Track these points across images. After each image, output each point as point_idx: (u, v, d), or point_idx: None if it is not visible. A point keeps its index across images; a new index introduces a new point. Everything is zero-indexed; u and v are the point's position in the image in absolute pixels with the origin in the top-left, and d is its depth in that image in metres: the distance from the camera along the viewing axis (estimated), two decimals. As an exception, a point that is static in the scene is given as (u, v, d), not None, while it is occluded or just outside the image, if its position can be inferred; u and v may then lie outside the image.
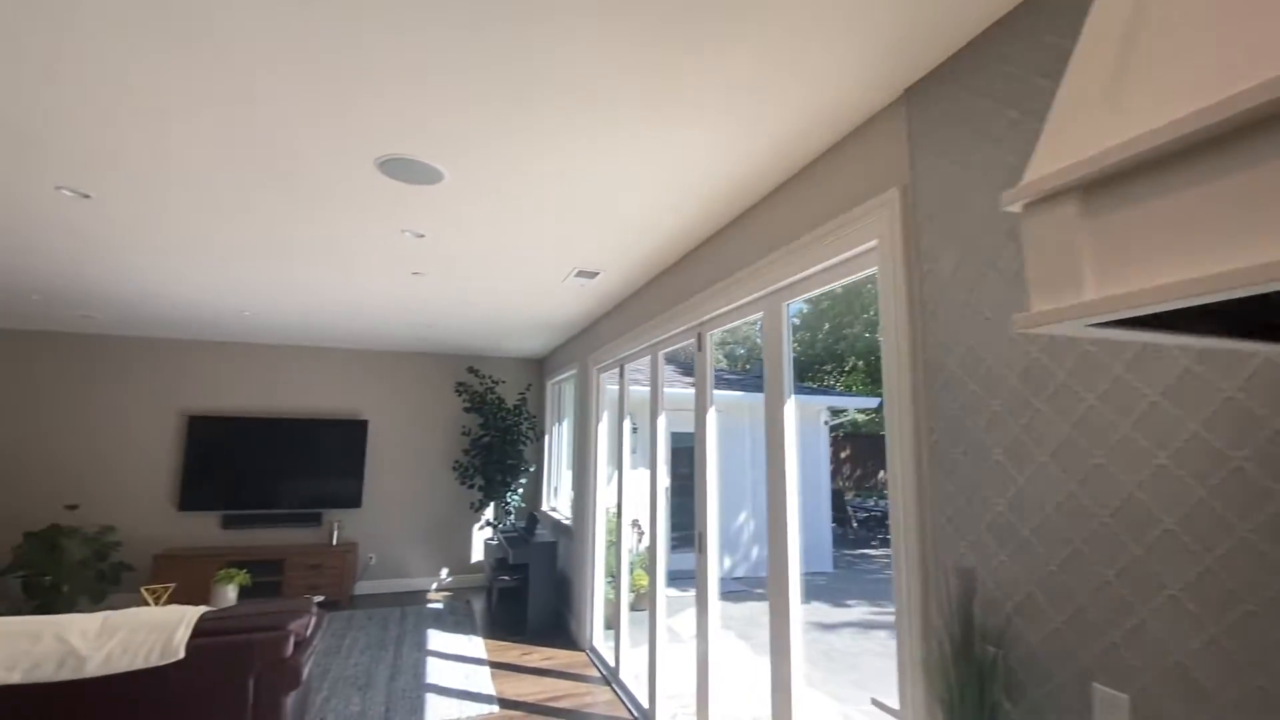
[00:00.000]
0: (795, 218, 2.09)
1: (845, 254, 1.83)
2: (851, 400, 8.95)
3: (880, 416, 4.52)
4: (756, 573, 7.34)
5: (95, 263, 3.43)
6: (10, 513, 5.30)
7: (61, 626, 2.36)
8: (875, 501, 10.11)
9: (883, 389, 1.68)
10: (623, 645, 3.86)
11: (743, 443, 7.69)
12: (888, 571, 7.86)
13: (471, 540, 6.52)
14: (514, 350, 6.45)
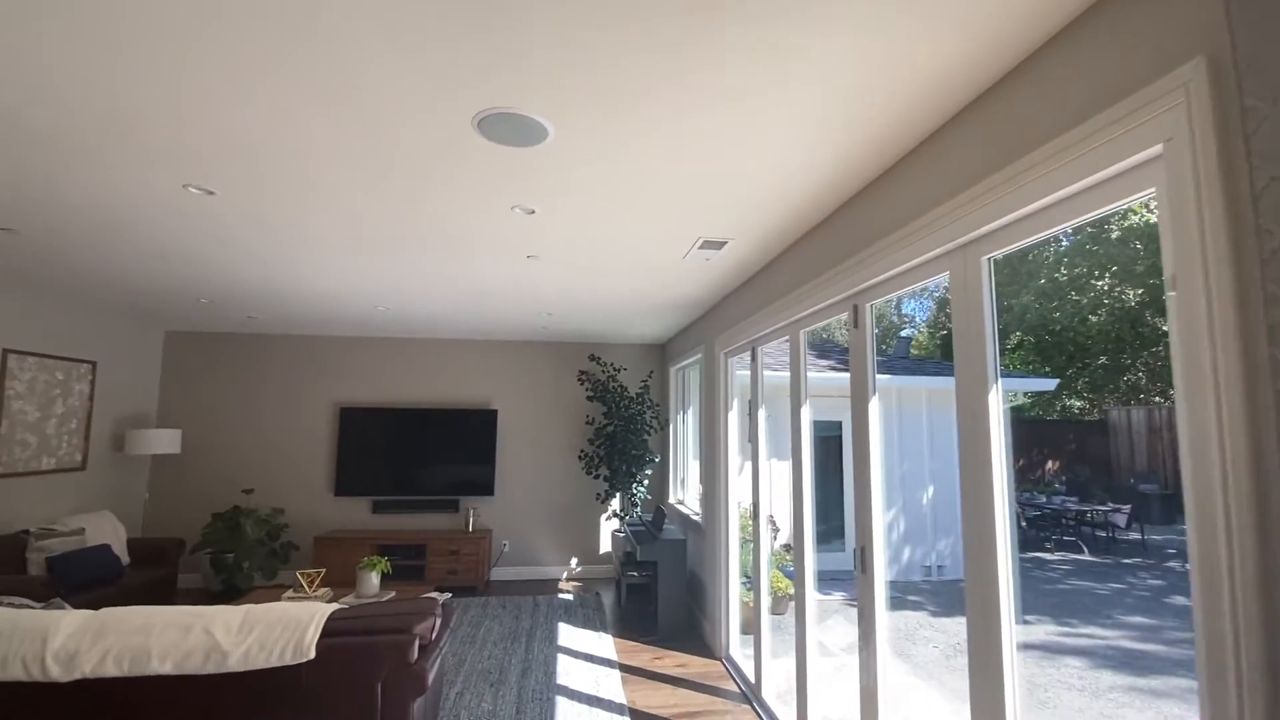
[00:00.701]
0: (1007, 136, 1.53)
1: (1096, 175, 1.27)
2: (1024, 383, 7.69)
3: (1034, 400, 3.40)
4: (907, 576, 6.57)
5: (245, 267, 3.59)
6: (201, 496, 5.95)
7: (208, 619, 2.40)
8: (1048, 498, 8.76)
9: (1174, 372, 1.13)
10: (764, 658, 3.45)
11: (891, 429, 6.90)
12: (1070, 581, 6.72)
13: (599, 531, 6.41)
14: (635, 336, 6.20)
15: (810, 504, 2.93)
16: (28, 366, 4.54)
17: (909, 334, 14.38)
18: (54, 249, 3.31)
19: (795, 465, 2.98)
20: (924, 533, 6.68)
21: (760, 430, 3.56)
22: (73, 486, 5.00)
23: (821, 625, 5.08)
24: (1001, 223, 1.55)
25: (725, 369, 4.28)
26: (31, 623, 2.33)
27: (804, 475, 2.92)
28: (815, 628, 2.87)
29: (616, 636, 4.57)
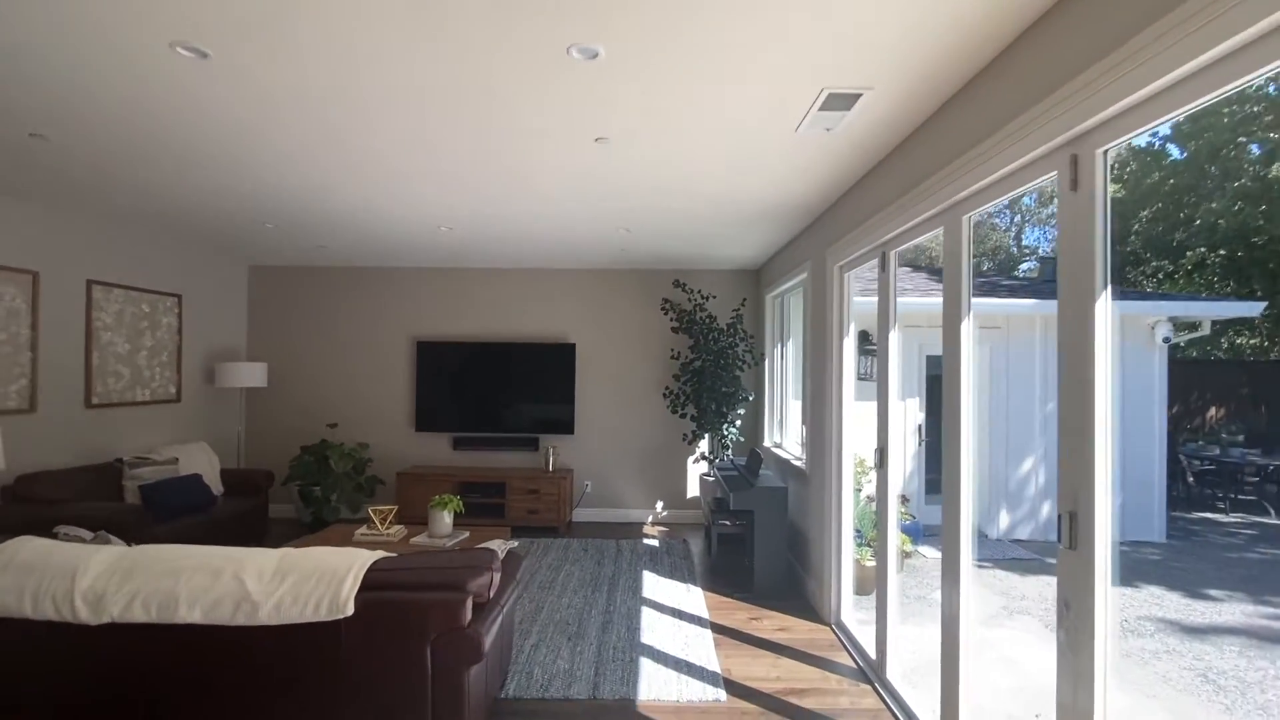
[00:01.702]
0: None
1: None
2: (1215, 307, 6.21)
3: (1214, 337, 2.19)
4: (1047, 535, 5.65)
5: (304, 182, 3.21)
6: (291, 429, 5.99)
7: (240, 564, 2.09)
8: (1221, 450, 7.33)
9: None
10: (890, 630, 2.83)
11: (1032, 366, 5.84)
12: (1259, 549, 5.55)
13: (686, 474, 5.93)
14: (725, 260, 5.47)
15: (971, 444, 2.21)
16: (114, 298, 4.53)
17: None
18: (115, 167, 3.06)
19: (950, 400, 2.26)
20: (1068, 487, 5.68)
21: (891, 359, 2.83)
22: (170, 418, 5.08)
23: (946, 589, 4.37)
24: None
25: (840, 287, 3.52)
26: (64, 558, 2.11)
27: (963, 411, 2.20)
28: (970, 598, 2.21)
29: (707, 590, 4.11)
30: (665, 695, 2.76)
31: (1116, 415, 1.59)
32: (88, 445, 4.29)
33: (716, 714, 2.62)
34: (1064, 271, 1.68)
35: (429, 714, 2.07)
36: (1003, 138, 1.88)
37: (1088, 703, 1.55)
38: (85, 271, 4.30)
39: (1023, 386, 5.81)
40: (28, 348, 3.88)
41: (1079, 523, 1.58)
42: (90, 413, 4.33)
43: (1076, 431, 1.60)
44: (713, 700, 2.72)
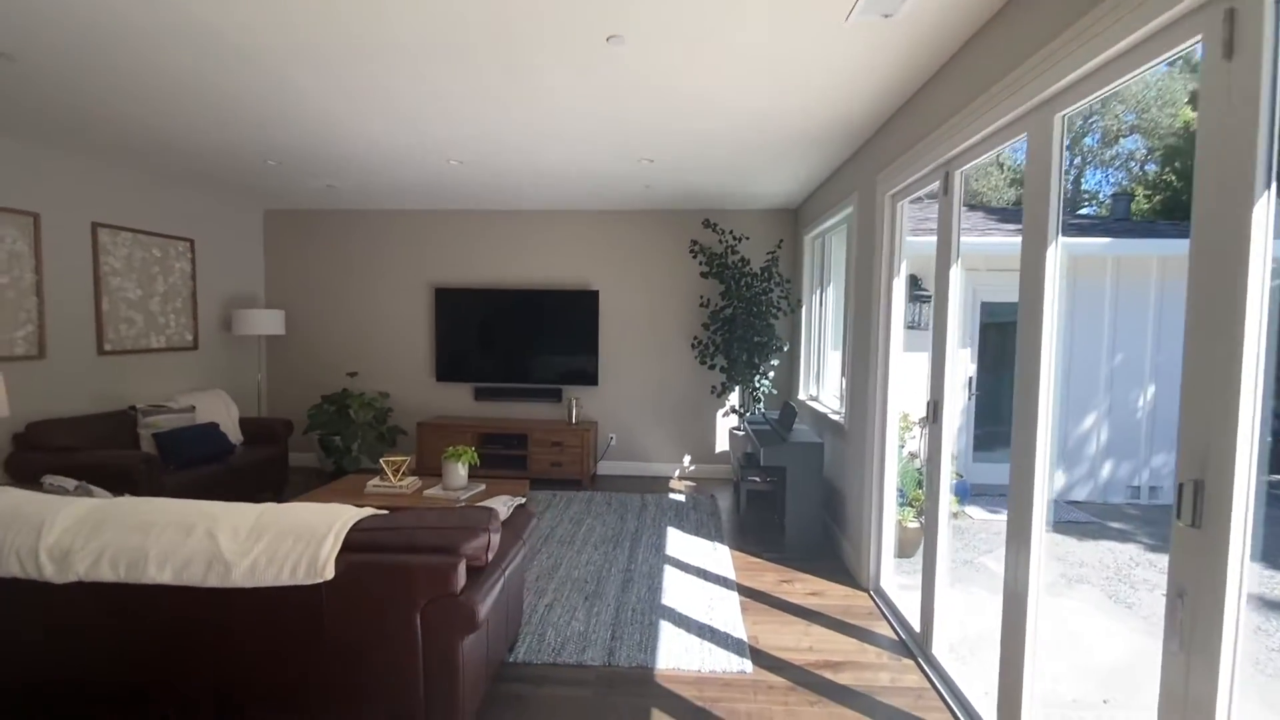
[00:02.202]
0: None
1: None
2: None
3: None
4: (1107, 497, 5.22)
5: (289, 108, 2.92)
6: (308, 379, 5.90)
7: (215, 520, 1.90)
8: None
9: None
10: (938, 599, 2.54)
11: (1100, 313, 5.30)
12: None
13: (715, 427, 5.65)
14: (759, 197, 5.02)
15: (1052, 393, 1.85)
16: (121, 242, 4.38)
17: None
18: (98, 95, 2.81)
19: (1027, 341, 1.88)
20: (1134, 444, 5.21)
21: (952, 298, 2.43)
22: (187, 366, 5.00)
23: (993, 555, 4.05)
24: None
25: (891, 219, 3.09)
26: (31, 511, 1.95)
27: (1044, 354, 1.82)
28: (1040, 569, 1.89)
29: (734, 549, 3.87)
30: (686, 664, 2.55)
31: (1273, 356, 1.21)
32: (101, 393, 4.22)
33: (741, 687, 2.40)
34: (1205, 172, 1.27)
35: (420, 687, 1.88)
36: (1119, 2, 1.44)
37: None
38: (89, 214, 4.14)
39: (1087, 336, 5.28)
40: (32, 292, 3.76)
41: (1206, 495, 1.23)
42: (103, 360, 4.25)
43: (1210, 381, 1.23)
44: (737, 671, 2.50)
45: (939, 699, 2.33)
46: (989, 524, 4.63)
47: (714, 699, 2.32)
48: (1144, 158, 13.14)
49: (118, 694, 1.98)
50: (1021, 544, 1.89)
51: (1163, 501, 5.18)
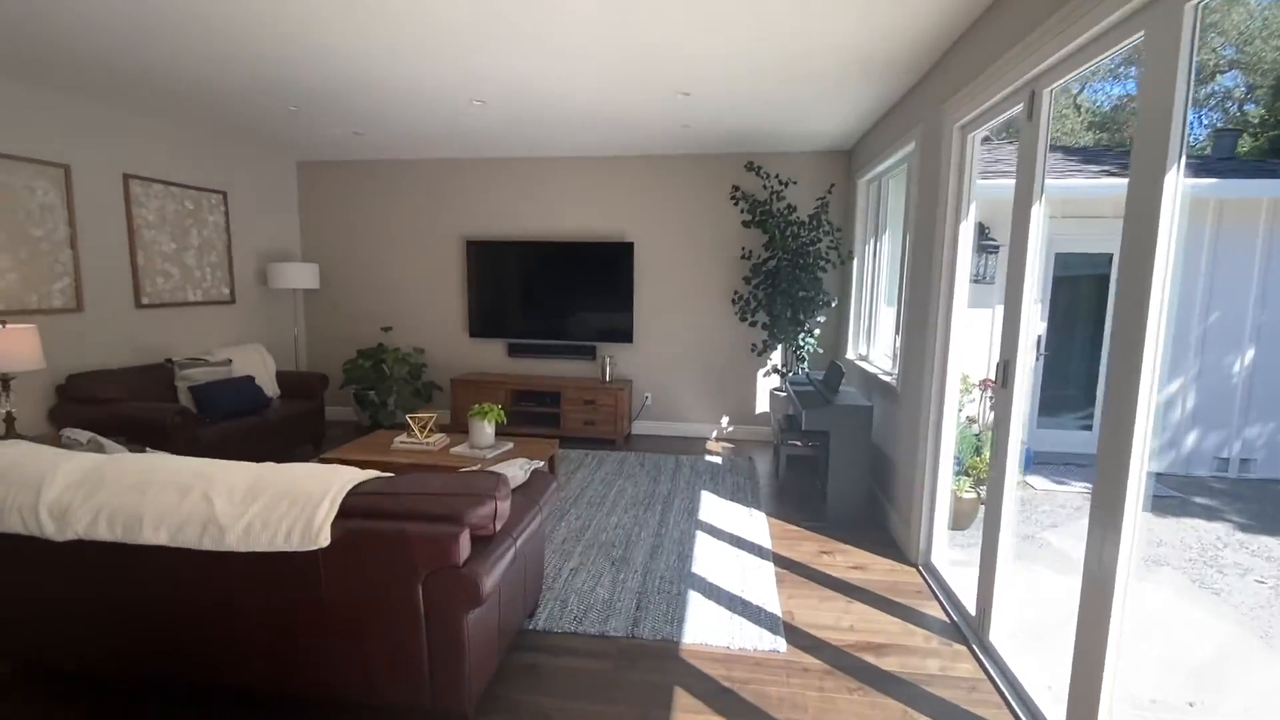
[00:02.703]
0: None
1: None
2: None
3: None
4: (1190, 470, 4.75)
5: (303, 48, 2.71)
6: (345, 333, 5.89)
7: (211, 481, 1.80)
8: None
9: None
10: (998, 578, 2.28)
11: (1195, 267, 4.71)
12: None
13: (755, 387, 5.39)
14: (808, 137, 4.59)
15: (1160, 346, 1.53)
16: (154, 194, 4.35)
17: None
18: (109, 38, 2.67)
19: (1132, 284, 1.55)
20: (1225, 412, 4.69)
21: (1031, 244, 2.08)
22: (225, 319, 5.03)
23: (1058, 531, 3.72)
24: None
25: (959, 154, 2.70)
26: (34, 467, 1.89)
27: (1153, 299, 1.50)
28: (1133, 552, 1.60)
29: (772, 516, 3.67)
30: (714, 639, 2.38)
31: None
32: (141, 345, 4.27)
33: (772, 668, 2.22)
34: None
35: (425, 662, 1.77)
36: None
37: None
38: (121, 165, 4.10)
39: (1179, 291, 4.72)
40: (67, 245, 3.77)
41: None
42: (141, 313, 4.28)
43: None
44: (769, 650, 2.32)
45: (995, 692, 2.10)
46: (1052, 495, 4.26)
47: (743, 680, 2.15)
48: (1243, 97, 11.72)
49: (122, 654, 1.95)
50: (1110, 523, 1.60)
51: (1256, 475, 4.68)
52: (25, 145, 3.52)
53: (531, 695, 2.07)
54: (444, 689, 1.79)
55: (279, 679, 1.87)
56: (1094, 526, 1.67)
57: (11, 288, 3.45)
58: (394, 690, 1.81)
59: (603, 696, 2.07)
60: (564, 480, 4.20)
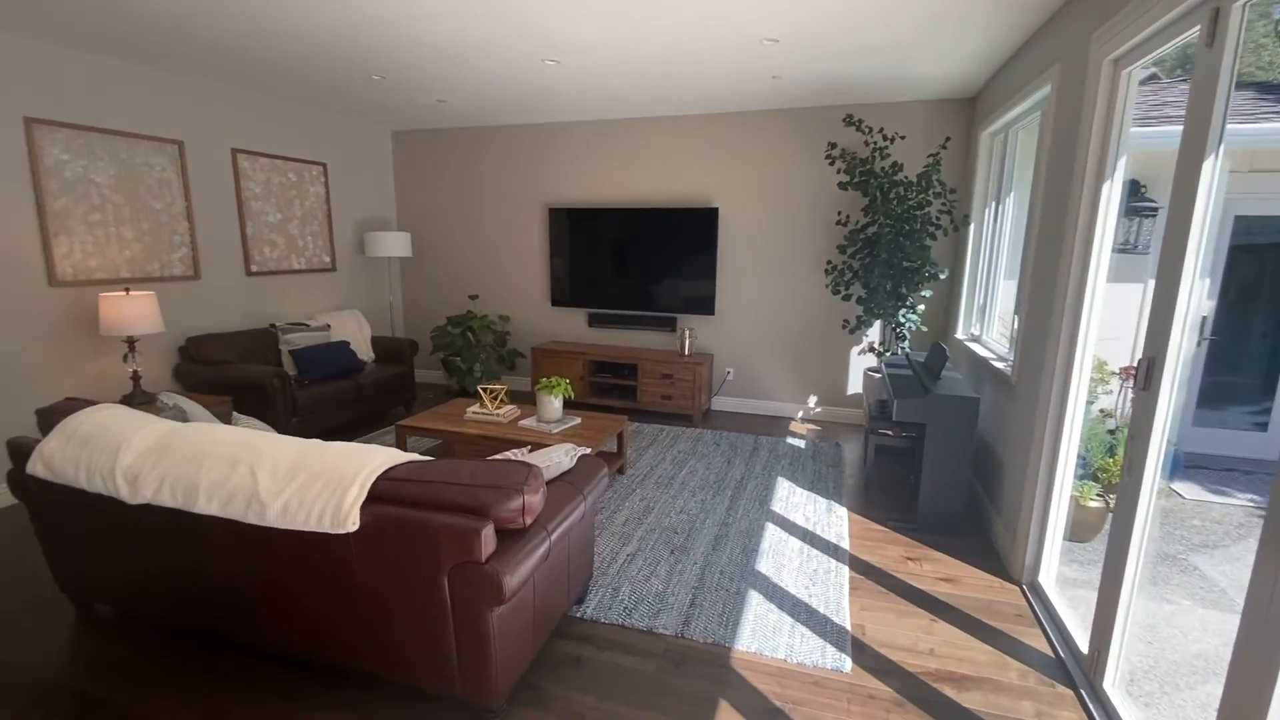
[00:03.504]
0: None
1: None
2: None
3: None
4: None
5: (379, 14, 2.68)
6: (436, 300, 6.07)
7: (258, 456, 1.82)
8: None
9: None
10: (1121, 608, 1.88)
11: None
12: None
13: (848, 365, 4.96)
14: (920, 83, 4.02)
15: None
16: (259, 167, 4.61)
17: None
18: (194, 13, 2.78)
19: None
20: None
21: (1200, 205, 1.61)
22: (327, 286, 5.32)
23: (1211, 554, 3.11)
24: None
25: (1109, 95, 2.18)
26: (114, 433, 2.01)
27: None
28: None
29: (854, 512, 3.35)
30: (770, 649, 2.18)
31: None
32: (249, 311, 4.59)
33: (833, 690, 1.99)
34: None
35: (453, 651, 1.72)
36: None
37: None
38: (229, 140, 4.36)
39: None
40: (184, 217, 4.07)
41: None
42: (251, 280, 4.59)
43: None
44: (832, 669, 2.09)
45: (1107, 756, 1.75)
46: (1206, 508, 3.59)
47: (796, 700, 1.94)
48: None
49: (188, 609, 2.06)
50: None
51: None
52: (144, 123, 3.79)
53: (569, 690, 1.99)
54: (472, 680, 1.74)
55: (319, 651, 1.90)
56: (1264, 552, 1.28)
57: (136, 257, 3.79)
58: (424, 675, 1.78)
59: (642, 701, 1.94)
60: (634, 457, 4.09)
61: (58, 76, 3.35)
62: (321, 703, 1.91)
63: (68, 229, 3.43)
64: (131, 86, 3.71)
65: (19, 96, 3.19)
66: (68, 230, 3.43)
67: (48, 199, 3.32)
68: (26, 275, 3.28)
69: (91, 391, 3.61)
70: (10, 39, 3.14)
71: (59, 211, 3.38)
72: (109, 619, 2.32)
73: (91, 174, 3.52)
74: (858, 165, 4.22)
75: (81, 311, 3.52)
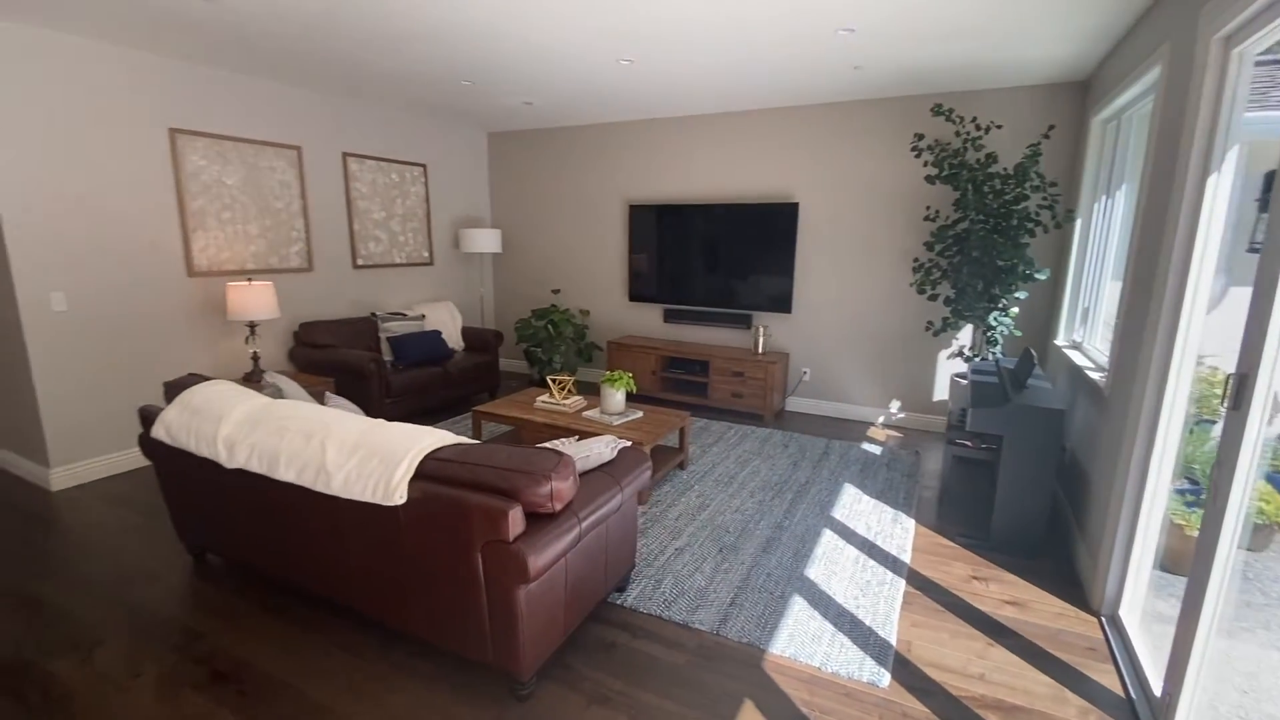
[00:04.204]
0: None
1: None
2: None
3: None
4: None
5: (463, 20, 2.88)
6: (522, 293, 6.36)
7: (329, 431, 2.04)
8: None
9: None
10: (1197, 649, 1.68)
11: None
12: None
13: (936, 370, 4.68)
14: (1021, 67, 3.71)
15: None
16: (366, 169, 5.04)
17: None
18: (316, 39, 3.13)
19: None
20: None
21: (1302, 199, 1.41)
22: (424, 279, 5.73)
23: (1360, 600, 2.66)
24: None
25: (1218, 76, 1.93)
26: (217, 404, 2.32)
27: None
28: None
29: (922, 524, 3.18)
30: (805, 654, 2.14)
31: None
32: (354, 300, 5.05)
33: (865, 703, 1.93)
34: None
35: (486, 622, 1.84)
36: None
37: None
38: (340, 145, 4.81)
39: None
40: (300, 215, 4.55)
41: None
42: (357, 273, 5.05)
43: None
44: (867, 682, 2.02)
45: (1170, 811, 1.58)
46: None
47: (824, 709, 1.90)
48: None
49: (275, 562, 2.34)
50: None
51: None
52: (268, 131, 4.27)
53: (598, 673, 2.06)
54: (503, 651, 1.85)
55: (376, 612, 2.10)
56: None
57: (260, 251, 4.28)
58: (462, 641, 1.92)
59: (667, 692, 1.98)
60: (697, 454, 4.10)
61: (197, 91, 3.84)
62: (375, 658, 2.11)
63: (204, 226, 3.94)
64: (258, 98, 4.19)
65: (166, 110, 3.70)
66: (204, 227, 3.94)
67: (188, 199, 3.84)
68: (170, 267, 3.81)
69: (219, 369, 4.13)
70: (159, 59, 3.65)
71: (196, 211, 3.89)
72: (217, 566, 2.67)
73: (224, 177, 4.02)
74: (947, 157, 3.96)
75: (212, 299, 4.03)
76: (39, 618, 2.32)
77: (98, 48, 3.37)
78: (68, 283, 3.38)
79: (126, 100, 3.52)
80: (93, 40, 3.34)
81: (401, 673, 2.04)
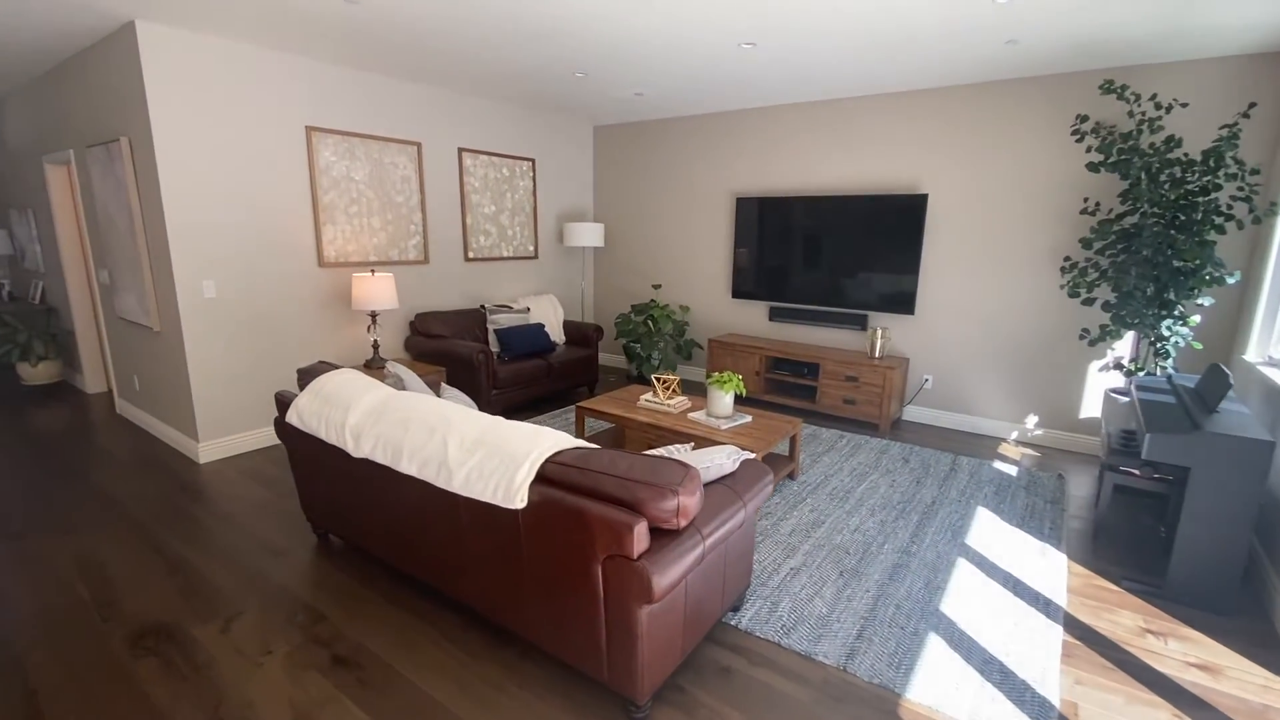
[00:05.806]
0: None
1: None
2: None
3: None
4: None
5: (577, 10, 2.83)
6: (624, 288, 6.31)
7: (450, 427, 2.02)
8: None
9: None
10: None
11: None
12: None
13: (1083, 382, 4.15)
14: (1212, 34, 3.15)
15: None
16: (479, 164, 5.15)
17: None
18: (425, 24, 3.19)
19: None
20: None
21: None
22: (530, 272, 5.80)
23: None
24: None
25: None
26: (346, 393, 2.37)
27: None
28: None
29: (1075, 561, 2.79)
30: (948, 706, 1.89)
31: None
32: (466, 292, 5.18)
33: (1028, 776, 1.66)
34: None
35: (603, 643, 1.74)
36: None
37: None
38: (456, 140, 4.93)
39: None
40: (419, 209, 4.70)
41: None
42: (468, 265, 5.17)
43: None
44: (1028, 751, 1.75)
45: None
46: None
47: (978, 777, 1.66)
48: None
49: (394, 552, 2.36)
50: None
51: None
52: (391, 128, 4.43)
53: (716, 701, 1.92)
54: (619, 671, 1.75)
55: (490, 612, 2.06)
56: None
57: (381, 244, 4.46)
58: (577, 656, 1.83)
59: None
60: (807, 463, 3.85)
61: (328, 89, 4.03)
62: (484, 657, 2.08)
63: (333, 219, 4.14)
64: (383, 96, 4.35)
65: (302, 108, 3.90)
66: (333, 220, 4.14)
67: (319, 193, 4.04)
68: (304, 258, 4.03)
69: (342, 356, 4.35)
70: (297, 59, 3.84)
71: (327, 205, 4.10)
72: (339, 549, 2.77)
73: (352, 172, 4.21)
74: (1115, 142, 3.46)
75: (338, 289, 4.24)
76: (187, 582, 2.48)
77: (244, 50, 3.60)
78: (217, 272, 3.64)
79: (275, 100, 3.75)
80: (238, 42, 3.56)
81: (512, 677, 1.99)
